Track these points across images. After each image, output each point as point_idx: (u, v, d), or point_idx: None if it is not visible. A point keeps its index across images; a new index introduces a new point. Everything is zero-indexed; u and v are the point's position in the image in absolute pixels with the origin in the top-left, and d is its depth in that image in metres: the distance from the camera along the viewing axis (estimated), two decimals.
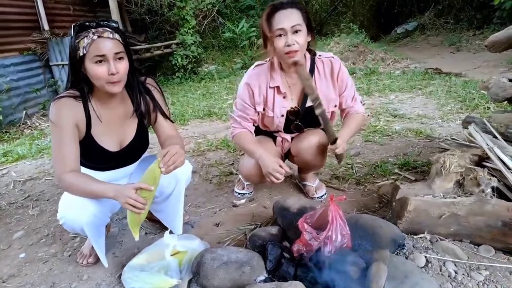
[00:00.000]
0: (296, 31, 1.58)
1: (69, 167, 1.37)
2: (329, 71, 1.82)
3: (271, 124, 1.92)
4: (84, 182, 1.35)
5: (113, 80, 1.32)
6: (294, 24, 1.57)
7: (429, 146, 2.70)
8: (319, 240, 1.31)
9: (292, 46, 1.58)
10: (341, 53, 6.95)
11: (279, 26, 1.58)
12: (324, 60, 1.82)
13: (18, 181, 2.83)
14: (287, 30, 1.57)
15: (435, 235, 1.50)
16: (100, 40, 1.29)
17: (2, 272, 1.69)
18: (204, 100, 5.25)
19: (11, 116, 5.04)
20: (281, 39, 1.59)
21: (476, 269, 1.35)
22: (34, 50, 5.64)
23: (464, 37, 8.42)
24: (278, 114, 1.85)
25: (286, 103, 1.85)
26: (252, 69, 1.87)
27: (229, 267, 1.32)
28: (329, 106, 1.86)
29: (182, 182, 1.62)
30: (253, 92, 1.84)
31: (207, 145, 3.22)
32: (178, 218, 1.70)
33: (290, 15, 1.58)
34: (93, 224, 1.46)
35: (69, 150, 1.38)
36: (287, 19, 1.57)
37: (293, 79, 1.82)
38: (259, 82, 1.83)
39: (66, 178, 1.35)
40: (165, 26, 9.16)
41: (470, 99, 3.79)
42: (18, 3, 5.52)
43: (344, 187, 2.20)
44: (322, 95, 1.81)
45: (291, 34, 1.58)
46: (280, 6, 1.60)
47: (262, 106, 1.87)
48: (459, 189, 1.57)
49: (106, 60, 1.30)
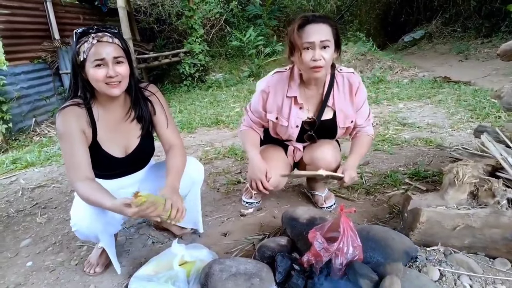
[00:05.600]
0: (325, 46, 1.57)
1: (82, 174, 1.37)
2: (348, 87, 1.79)
3: (283, 133, 1.90)
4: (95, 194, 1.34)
5: (112, 82, 1.34)
6: (324, 40, 1.55)
7: (440, 155, 2.66)
8: (330, 252, 1.28)
9: (319, 61, 1.56)
10: (349, 62, 6.94)
11: (309, 40, 1.55)
12: (345, 74, 1.79)
13: (26, 188, 2.85)
14: (316, 45, 1.55)
15: (449, 247, 1.46)
16: (99, 44, 1.31)
17: (9, 280, 1.68)
18: (212, 108, 5.26)
19: (20, 124, 5.09)
20: (309, 52, 1.57)
21: (492, 283, 1.31)
22: (44, 58, 5.73)
23: (472, 45, 8.36)
24: (293, 124, 1.83)
25: (302, 114, 1.83)
26: (271, 75, 1.85)
27: (238, 278, 1.29)
28: (346, 122, 1.84)
29: (197, 183, 1.72)
30: (267, 99, 1.83)
31: (214, 153, 3.21)
32: (198, 216, 1.82)
33: (321, 29, 1.56)
34: (107, 232, 1.46)
35: (80, 156, 1.38)
36: (317, 33, 1.55)
37: (311, 90, 1.80)
38: (276, 90, 1.81)
39: (79, 187, 1.36)
40: (173, 35, 9.27)
41: (481, 108, 3.74)
42: (30, 12, 5.63)
43: (354, 197, 2.17)
44: (339, 109, 1.80)
45: (319, 49, 1.56)
46: (312, 19, 1.58)
47: (275, 115, 1.85)
48: (473, 200, 1.53)
49: (105, 64, 1.32)
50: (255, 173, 1.78)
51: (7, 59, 5.08)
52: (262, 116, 1.89)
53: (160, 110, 1.58)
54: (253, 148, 1.86)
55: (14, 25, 5.28)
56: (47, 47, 5.78)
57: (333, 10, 11.83)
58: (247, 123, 1.96)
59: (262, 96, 1.85)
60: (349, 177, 1.71)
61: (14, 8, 5.29)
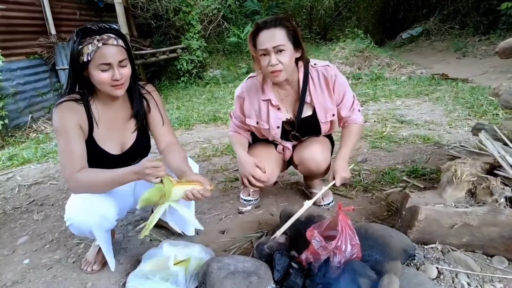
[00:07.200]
0: (280, 50, 1.58)
1: (79, 166, 1.37)
2: (324, 80, 1.78)
3: (268, 135, 1.92)
4: (102, 172, 1.36)
5: (116, 84, 1.36)
6: (277, 45, 1.57)
7: (438, 153, 2.67)
8: (328, 250, 1.28)
9: (276, 66, 1.58)
10: (347, 58, 6.94)
11: (262, 47, 1.59)
12: (319, 69, 1.78)
13: (23, 185, 2.83)
14: (270, 51, 1.57)
15: (447, 245, 1.47)
16: (105, 48, 1.31)
17: (6, 278, 1.67)
18: (209, 105, 5.25)
19: (17, 120, 5.06)
20: (265, 58, 1.60)
21: (489, 281, 1.31)
22: (40, 54, 5.69)
23: (470, 43, 8.38)
24: (273, 126, 1.85)
25: (280, 115, 1.84)
26: (245, 81, 1.89)
27: (236, 277, 1.29)
28: (327, 116, 1.83)
29: None
30: (244, 105, 1.87)
31: (212, 150, 3.21)
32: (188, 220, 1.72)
33: (274, 35, 1.57)
34: (102, 226, 1.45)
35: (77, 150, 1.38)
36: (270, 40, 1.57)
37: (285, 90, 1.81)
38: (251, 95, 1.84)
39: (79, 176, 1.35)
40: (170, 31, 9.22)
41: (478, 106, 3.75)
42: (25, 7, 5.58)
43: (352, 195, 2.17)
44: (318, 105, 1.79)
45: (274, 54, 1.58)
46: (263, 25, 1.60)
47: (255, 120, 1.87)
48: (471, 199, 1.53)
49: (111, 67, 1.33)
50: (244, 168, 1.80)
51: (3, 55, 5.04)
52: (243, 120, 1.92)
53: (156, 109, 1.59)
54: (240, 148, 1.90)
55: (10, 20, 5.23)
56: (44, 43, 5.73)
57: (331, 6, 11.82)
58: (233, 129, 2.02)
59: (239, 102, 1.90)
60: (340, 179, 1.68)
61: (9, 3, 5.24)
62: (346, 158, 1.78)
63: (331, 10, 11.93)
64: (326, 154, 1.88)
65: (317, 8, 11.72)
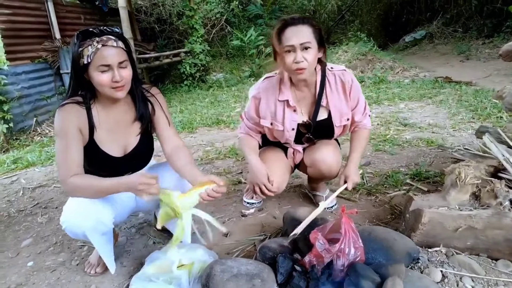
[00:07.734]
0: (306, 47, 1.57)
1: (73, 171, 1.36)
2: (341, 85, 1.78)
3: (281, 137, 1.90)
4: (95, 179, 1.36)
5: (117, 86, 1.35)
6: (304, 42, 1.56)
7: (441, 156, 2.66)
8: (332, 253, 1.27)
9: (301, 63, 1.57)
10: (350, 62, 6.94)
11: (288, 43, 1.56)
12: (336, 73, 1.78)
13: (27, 188, 2.85)
14: (296, 47, 1.56)
15: (451, 248, 1.46)
16: (104, 49, 1.31)
17: (10, 280, 1.68)
18: (212, 108, 5.26)
19: (21, 124, 5.10)
20: (290, 55, 1.58)
21: (494, 284, 1.30)
22: (45, 58, 5.73)
23: (474, 46, 8.34)
24: (288, 128, 1.82)
25: (296, 117, 1.82)
26: (261, 81, 1.86)
27: (239, 279, 1.29)
28: (342, 120, 1.82)
29: None
30: (260, 105, 1.84)
31: (215, 154, 3.21)
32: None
33: (301, 31, 1.56)
34: (96, 230, 1.44)
35: (74, 154, 1.38)
36: (297, 36, 1.56)
37: (303, 92, 1.80)
38: (267, 96, 1.82)
39: (72, 181, 1.35)
40: (174, 35, 9.28)
41: (482, 109, 3.73)
42: (31, 12, 5.64)
43: (355, 198, 2.16)
44: (333, 108, 1.79)
45: (300, 51, 1.56)
46: (291, 22, 1.59)
47: (269, 121, 1.84)
48: (475, 201, 1.53)
49: (111, 68, 1.33)
50: (257, 177, 1.77)
51: (8, 59, 5.09)
52: (257, 122, 1.89)
53: (161, 111, 1.58)
54: (251, 153, 1.86)
55: (15, 25, 5.29)
56: (48, 47, 5.78)
57: (334, 10, 11.82)
58: (244, 130, 1.96)
59: (255, 103, 1.86)
60: (352, 183, 1.72)
61: (15, 8, 5.30)
62: (357, 163, 1.80)
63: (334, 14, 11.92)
64: (338, 157, 1.88)
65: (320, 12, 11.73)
